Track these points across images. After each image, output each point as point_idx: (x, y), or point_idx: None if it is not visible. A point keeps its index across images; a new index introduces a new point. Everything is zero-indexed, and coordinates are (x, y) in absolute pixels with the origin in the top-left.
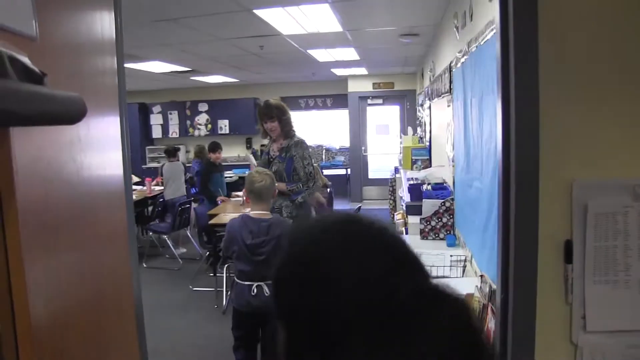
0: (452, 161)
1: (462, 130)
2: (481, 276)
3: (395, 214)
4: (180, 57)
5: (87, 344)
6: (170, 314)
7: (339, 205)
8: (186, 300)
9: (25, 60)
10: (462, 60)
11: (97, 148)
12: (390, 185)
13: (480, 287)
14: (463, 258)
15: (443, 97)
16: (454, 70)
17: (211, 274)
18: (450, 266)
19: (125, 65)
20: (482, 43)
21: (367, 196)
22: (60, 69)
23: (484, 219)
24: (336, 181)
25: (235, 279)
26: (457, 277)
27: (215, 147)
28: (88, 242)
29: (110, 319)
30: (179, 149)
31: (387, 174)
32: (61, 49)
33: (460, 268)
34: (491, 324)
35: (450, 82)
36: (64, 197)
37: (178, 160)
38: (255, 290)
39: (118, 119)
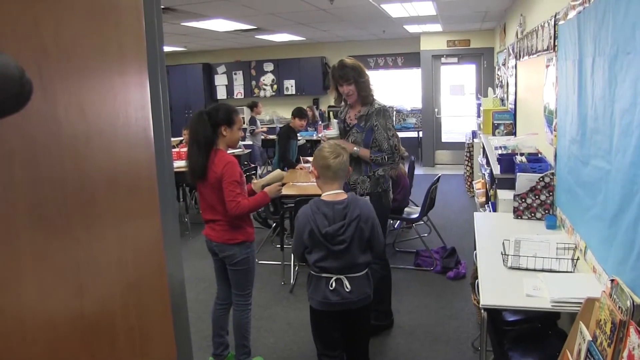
0: (554, 130)
1: (573, 96)
2: (612, 280)
3: (474, 182)
4: (243, 14)
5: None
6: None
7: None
8: None
9: None
10: (577, 10)
11: (112, 117)
12: (467, 150)
13: (613, 295)
14: (572, 247)
15: (540, 55)
16: (560, 23)
17: (278, 245)
18: (557, 257)
19: (187, 24)
20: None
21: (440, 160)
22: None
23: (614, 209)
24: (407, 144)
25: (311, 271)
26: (567, 272)
27: (302, 114)
28: (100, 221)
29: (134, 308)
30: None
31: (462, 138)
32: None
33: (569, 260)
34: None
35: (555, 37)
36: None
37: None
38: (333, 285)
39: (147, 83)
